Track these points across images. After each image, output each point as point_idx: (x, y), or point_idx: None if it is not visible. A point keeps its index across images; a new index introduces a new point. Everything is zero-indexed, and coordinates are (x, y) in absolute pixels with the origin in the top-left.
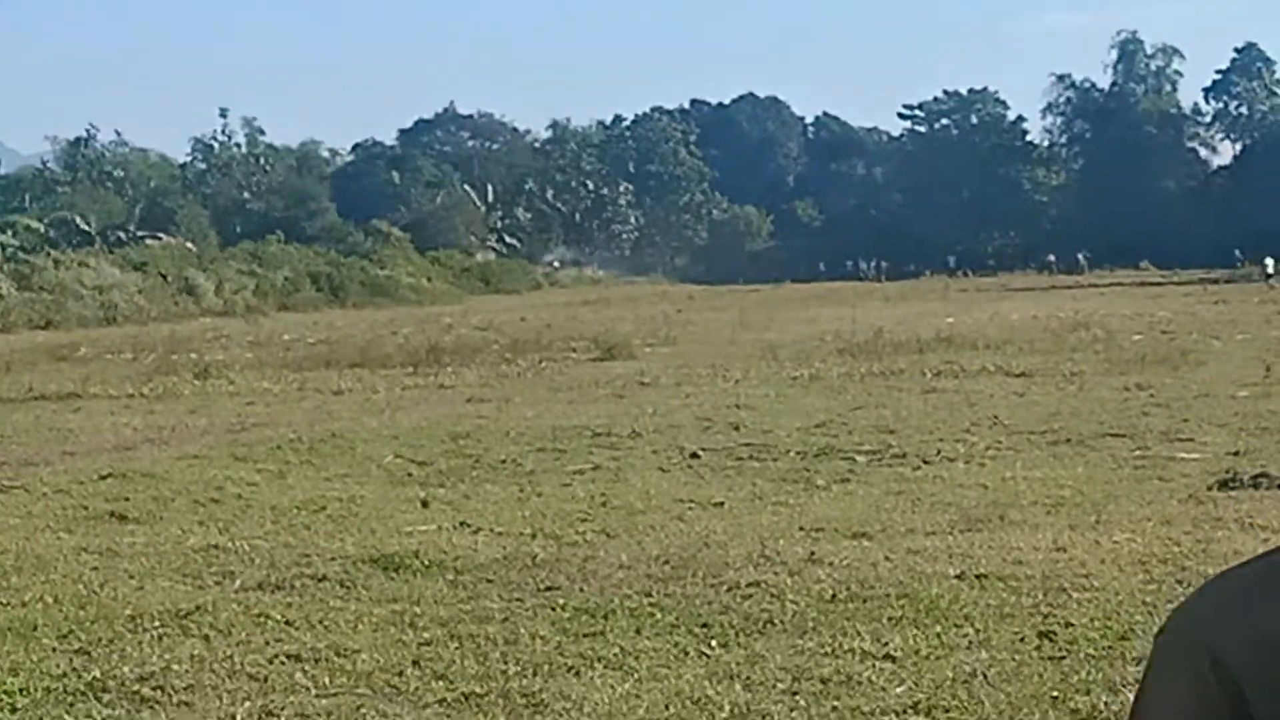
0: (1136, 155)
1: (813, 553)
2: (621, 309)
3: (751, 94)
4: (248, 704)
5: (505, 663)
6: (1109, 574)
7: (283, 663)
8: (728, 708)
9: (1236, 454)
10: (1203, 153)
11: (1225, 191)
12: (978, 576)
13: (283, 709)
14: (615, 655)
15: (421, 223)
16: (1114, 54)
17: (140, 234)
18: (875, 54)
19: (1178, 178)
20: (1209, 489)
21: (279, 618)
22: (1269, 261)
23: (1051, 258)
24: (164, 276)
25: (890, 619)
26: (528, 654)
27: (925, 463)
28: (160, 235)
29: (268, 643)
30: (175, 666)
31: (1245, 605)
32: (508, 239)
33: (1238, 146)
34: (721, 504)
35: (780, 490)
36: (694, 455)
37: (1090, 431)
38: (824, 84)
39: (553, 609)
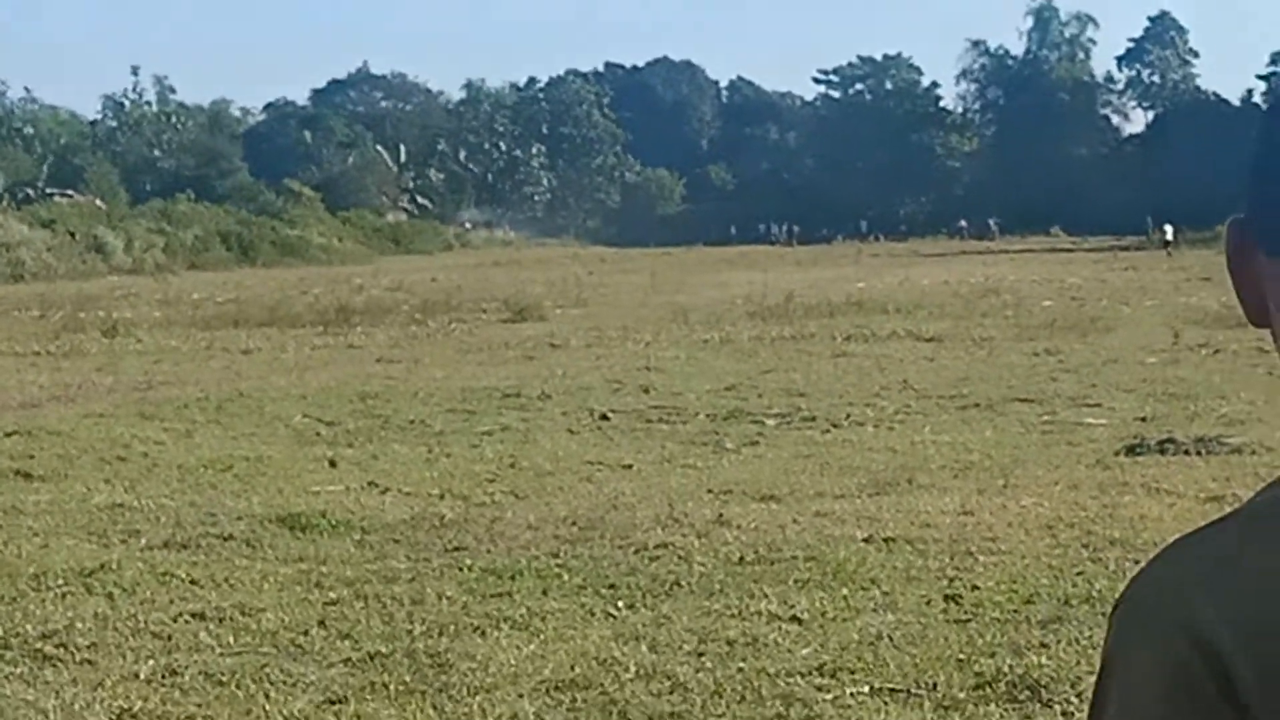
0: (1049, 122)
1: (721, 515)
2: (533, 271)
3: (666, 57)
4: (151, 662)
5: (411, 623)
6: (1015, 538)
7: (187, 621)
8: (634, 668)
9: (1144, 420)
10: (1115, 120)
11: (1137, 159)
12: (885, 540)
13: (186, 667)
14: (522, 616)
15: (333, 183)
16: (1028, 20)
17: (49, 191)
18: (790, 19)
19: (1090, 145)
20: (1116, 454)
21: (184, 576)
22: (1168, 229)
23: (963, 223)
24: (72, 234)
25: (797, 581)
26: (434, 614)
27: (834, 426)
28: (69, 193)
29: (172, 601)
30: (79, 625)
31: (1227, 574)
32: (420, 200)
33: (1150, 115)
34: (630, 466)
35: (689, 453)
36: (604, 417)
37: (999, 396)
38: (738, 48)
39: (460, 569)
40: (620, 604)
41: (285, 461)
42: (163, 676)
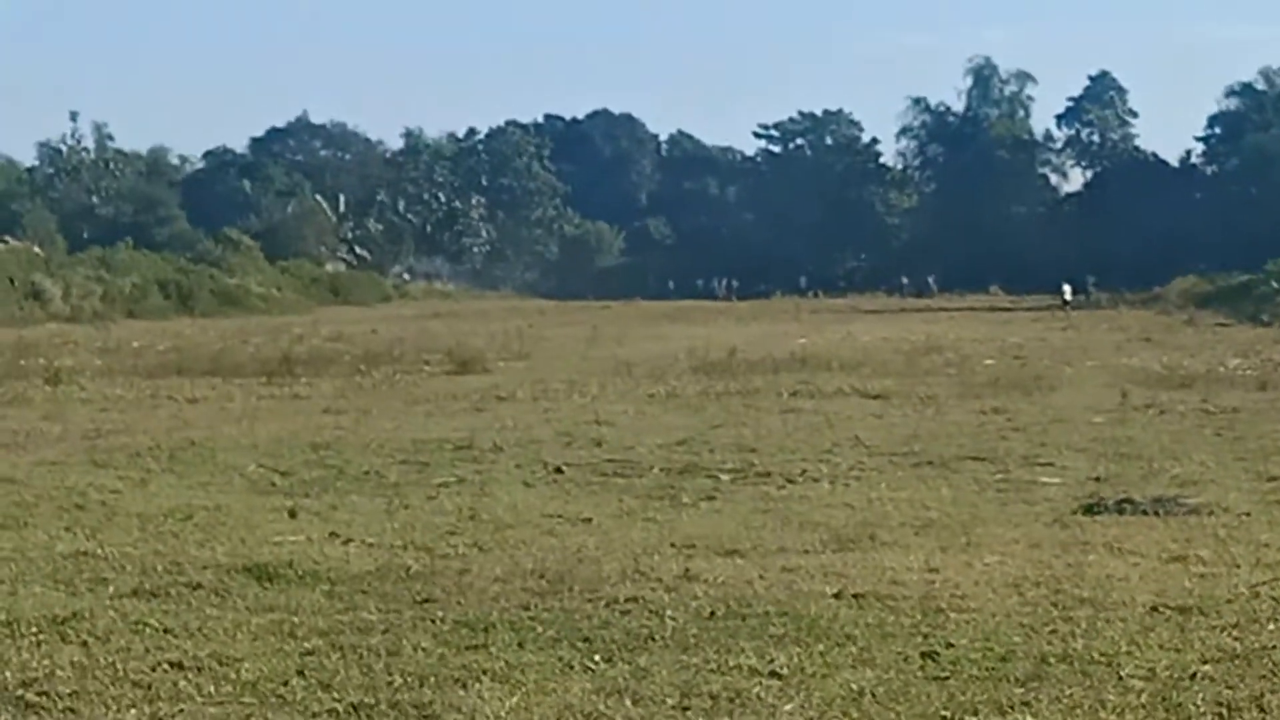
0: (988, 180)
1: (687, 569)
2: (473, 322)
3: (606, 110)
4: (134, 711)
5: (390, 674)
6: (984, 595)
7: (165, 670)
8: None
9: (1098, 479)
10: (1053, 179)
11: (1075, 218)
12: (855, 596)
13: (172, 716)
14: (500, 668)
15: (272, 232)
16: (968, 79)
17: None
18: (730, 73)
19: (1029, 203)
20: (1074, 513)
21: (157, 625)
22: (1066, 288)
23: (904, 280)
24: (11, 281)
25: (772, 636)
26: (412, 665)
27: (790, 482)
28: (6, 239)
29: (148, 650)
30: (59, 673)
31: None
32: (358, 250)
33: (1089, 174)
34: (590, 520)
35: (648, 507)
36: (558, 470)
37: (951, 454)
38: (678, 102)
39: (431, 621)
40: (597, 657)
41: (244, 511)
42: None
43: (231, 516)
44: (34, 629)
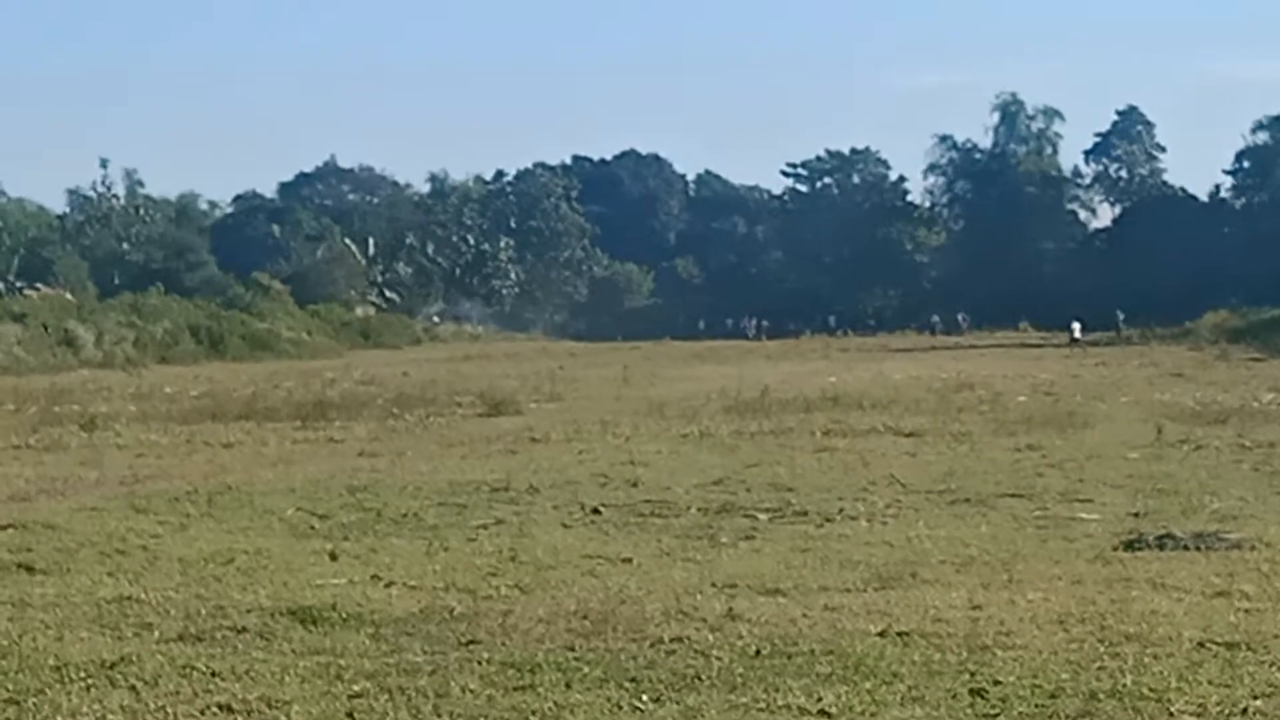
0: (1017, 216)
1: (730, 609)
2: (504, 365)
3: (633, 150)
4: None
5: (439, 715)
6: (1029, 632)
7: (215, 713)
8: None
9: (1137, 515)
10: (1082, 215)
11: (1103, 254)
12: (899, 634)
13: None
14: (550, 709)
15: (302, 276)
16: (995, 115)
17: (19, 284)
18: (757, 112)
19: (1057, 239)
20: (1115, 549)
21: (204, 669)
22: (1075, 325)
23: (935, 318)
24: (45, 327)
25: (819, 675)
26: (460, 707)
27: (828, 520)
28: (38, 286)
29: (196, 694)
30: (110, 717)
31: None
32: (388, 293)
33: (1117, 209)
34: (630, 560)
35: (687, 547)
36: (595, 511)
37: (988, 491)
38: (706, 141)
39: (478, 663)
40: (645, 697)
41: (285, 554)
42: None
43: (272, 560)
44: (82, 674)
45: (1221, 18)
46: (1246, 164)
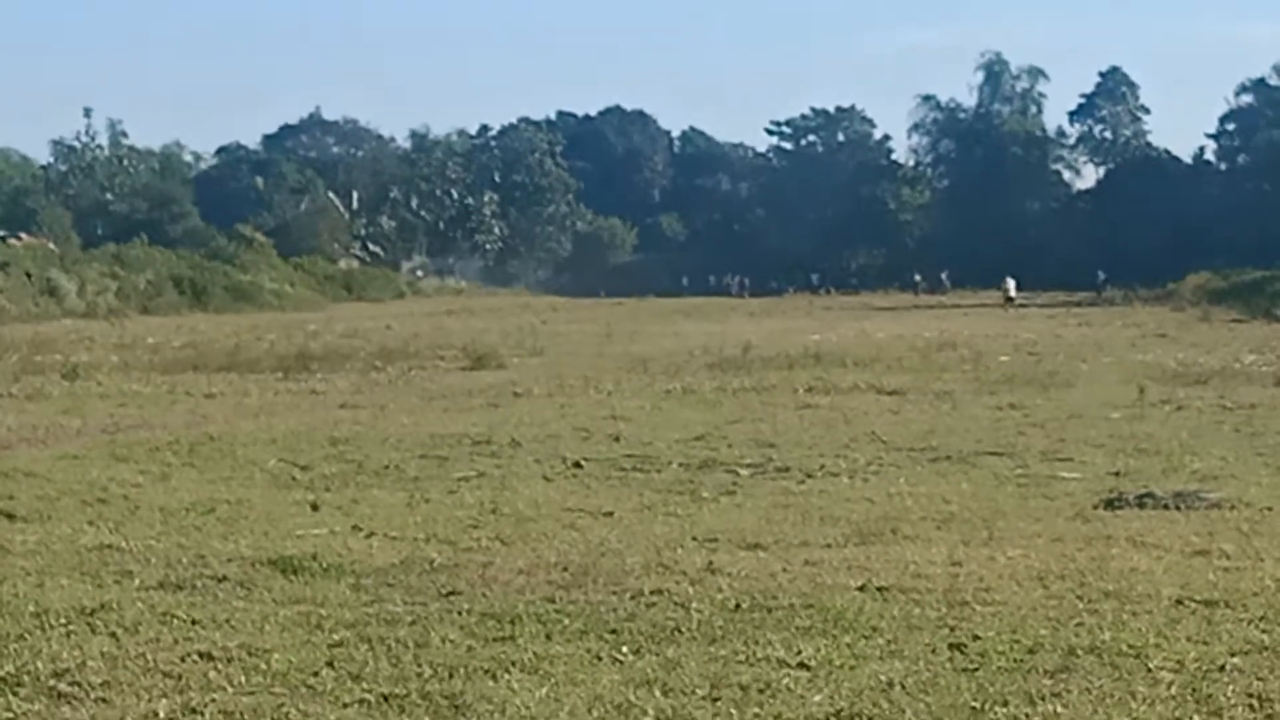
0: (1001, 176)
1: (710, 562)
2: (486, 319)
3: (618, 106)
4: (165, 701)
5: (419, 665)
6: (1009, 588)
7: (195, 661)
8: (652, 713)
9: (1117, 474)
10: (1066, 175)
11: (1087, 214)
12: (879, 589)
13: (205, 706)
14: (529, 660)
15: (285, 228)
16: (979, 75)
17: (2, 234)
18: (743, 69)
19: (1042, 199)
20: (1095, 508)
21: (185, 617)
22: (1010, 283)
23: (918, 277)
24: (27, 276)
25: (799, 628)
26: (440, 657)
27: (809, 477)
28: (21, 235)
29: (176, 641)
30: (90, 663)
31: None
32: (371, 246)
33: (1101, 170)
34: (611, 513)
35: (668, 501)
36: (577, 465)
37: (969, 449)
38: (691, 98)
39: (458, 614)
40: (625, 649)
41: (266, 505)
42: (181, 715)
43: (253, 510)
44: (63, 620)
45: None
46: (1230, 126)
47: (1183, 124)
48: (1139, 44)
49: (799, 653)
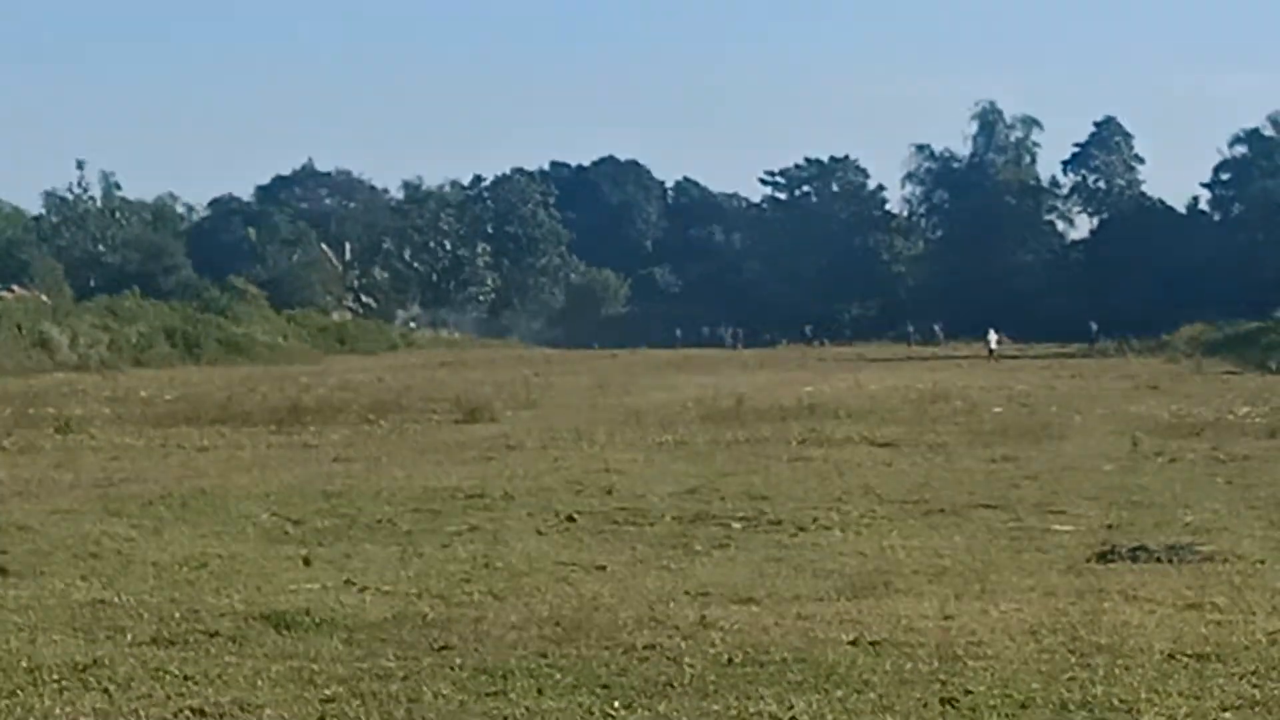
0: (995, 226)
1: (703, 617)
2: (479, 371)
3: (612, 157)
4: None
5: None
6: (1001, 642)
7: (188, 717)
8: None
9: (1110, 527)
10: (1060, 225)
11: (1081, 265)
12: (871, 643)
13: None
14: (521, 715)
15: (278, 280)
16: (973, 124)
17: None
18: (736, 120)
19: (1035, 250)
20: (1088, 561)
21: (176, 672)
22: (992, 336)
23: (911, 328)
24: (20, 329)
25: (791, 683)
26: (433, 712)
27: (801, 530)
28: (13, 288)
29: (169, 697)
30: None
31: None
32: (364, 298)
33: (1095, 220)
34: (604, 567)
35: (661, 555)
36: (570, 518)
37: (962, 502)
38: (684, 149)
39: (450, 668)
40: (617, 704)
41: (259, 559)
42: None
43: (246, 565)
44: (55, 676)
45: (1201, 31)
46: (1224, 176)
47: (1177, 174)
48: (1134, 94)
49: (791, 707)
